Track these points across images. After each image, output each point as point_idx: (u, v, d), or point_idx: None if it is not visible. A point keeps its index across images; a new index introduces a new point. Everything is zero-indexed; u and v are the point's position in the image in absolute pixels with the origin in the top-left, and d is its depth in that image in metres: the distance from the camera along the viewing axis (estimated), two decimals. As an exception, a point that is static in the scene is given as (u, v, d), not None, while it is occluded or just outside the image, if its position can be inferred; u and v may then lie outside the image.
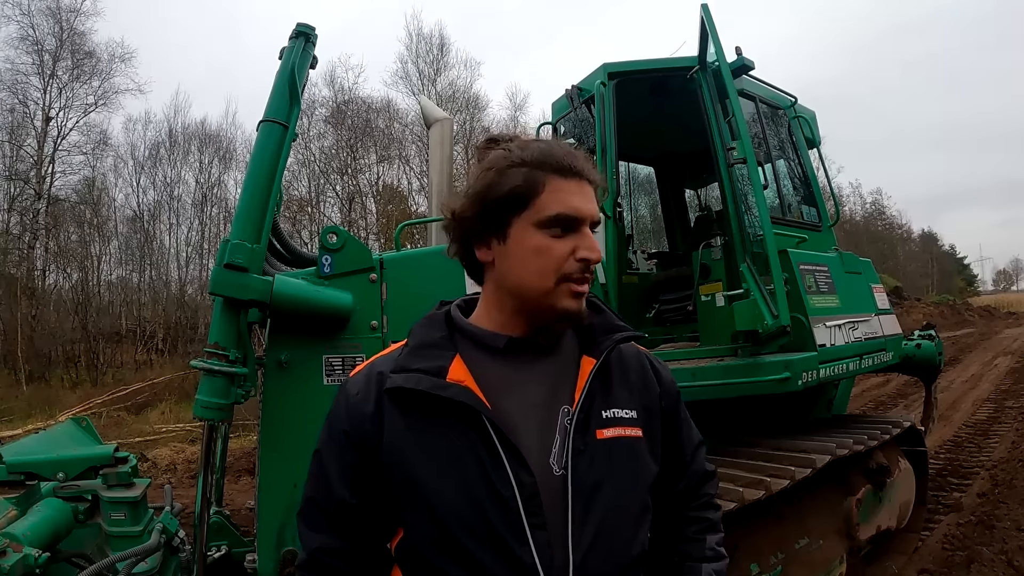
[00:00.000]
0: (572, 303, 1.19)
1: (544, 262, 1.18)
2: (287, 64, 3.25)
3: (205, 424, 2.88)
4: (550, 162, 1.19)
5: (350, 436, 1.22)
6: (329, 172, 29.42)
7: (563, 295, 1.19)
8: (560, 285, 1.18)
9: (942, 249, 69.59)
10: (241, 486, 7.84)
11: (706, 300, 4.16)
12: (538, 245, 1.18)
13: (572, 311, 1.20)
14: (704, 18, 3.86)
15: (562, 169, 1.19)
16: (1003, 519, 5.34)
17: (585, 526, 1.14)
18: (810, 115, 5.21)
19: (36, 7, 24.47)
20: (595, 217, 1.21)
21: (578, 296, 1.20)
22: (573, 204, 1.18)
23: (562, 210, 1.17)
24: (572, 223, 1.18)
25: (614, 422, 1.23)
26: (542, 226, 1.18)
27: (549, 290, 1.19)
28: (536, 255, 1.19)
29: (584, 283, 1.20)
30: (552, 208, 1.17)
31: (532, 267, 1.19)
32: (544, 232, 1.18)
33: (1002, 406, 10.45)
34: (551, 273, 1.18)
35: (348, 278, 3.19)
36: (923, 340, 5.90)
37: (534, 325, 1.25)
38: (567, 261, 1.18)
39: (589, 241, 1.19)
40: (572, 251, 1.18)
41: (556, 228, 1.18)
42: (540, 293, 1.20)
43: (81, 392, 17.99)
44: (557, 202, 1.18)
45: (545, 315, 1.22)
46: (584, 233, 1.19)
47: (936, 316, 30.63)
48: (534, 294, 1.20)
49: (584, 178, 1.21)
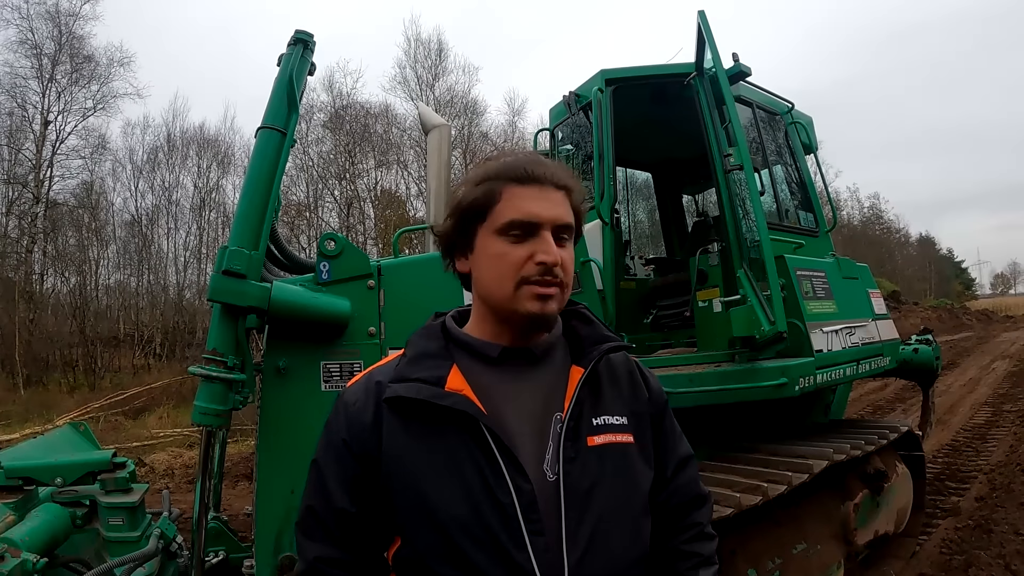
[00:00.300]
0: (534, 305, 1.21)
1: (502, 267, 1.22)
2: (285, 71, 3.25)
3: (203, 430, 2.88)
4: (507, 172, 1.24)
5: (349, 445, 1.23)
6: (327, 177, 29.40)
7: (524, 298, 1.21)
8: (520, 289, 1.21)
9: (940, 253, 69.69)
10: (239, 491, 7.83)
11: (703, 306, 4.17)
12: (497, 251, 1.23)
13: (535, 313, 1.21)
14: (701, 24, 3.88)
15: (519, 177, 1.23)
16: (1001, 523, 5.35)
17: (580, 530, 1.16)
18: (807, 120, 5.24)
19: (35, 11, 24.54)
20: (558, 220, 1.23)
21: (541, 299, 1.21)
22: (527, 209, 1.21)
23: (516, 215, 1.21)
24: (528, 228, 1.21)
25: (605, 429, 1.25)
26: (500, 233, 1.23)
27: (510, 295, 1.22)
28: (495, 261, 1.23)
29: (547, 286, 1.21)
30: (507, 214, 1.22)
31: (493, 273, 1.24)
32: (503, 239, 1.23)
33: (1000, 410, 10.47)
34: (510, 278, 1.21)
35: (346, 285, 3.20)
36: (920, 345, 5.91)
37: (515, 332, 1.27)
38: (525, 265, 1.20)
39: (546, 245, 1.20)
40: (530, 255, 1.20)
41: (513, 234, 1.22)
42: (503, 298, 1.23)
43: (79, 396, 17.99)
44: (512, 208, 1.22)
45: (513, 320, 1.25)
46: (542, 237, 1.21)
47: (934, 320, 30.65)
48: (499, 300, 1.24)
49: (546, 183, 1.24)
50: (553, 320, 1.26)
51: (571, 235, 1.27)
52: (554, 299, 1.22)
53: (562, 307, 1.27)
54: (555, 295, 1.22)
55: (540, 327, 1.27)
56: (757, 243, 3.61)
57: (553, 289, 1.21)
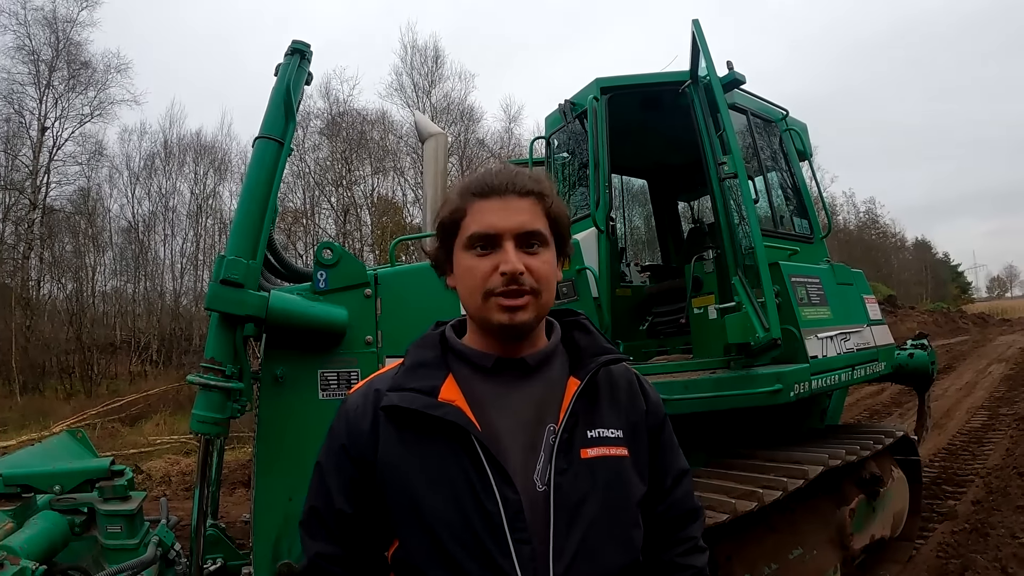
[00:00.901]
0: (502, 316, 1.23)
1: (471, 280, 1.26)
2: (283, 81, 3.28)
3: (202, 438, 2.90)
4: (471, 187, 1.29)
5: (348, 450, 1.28)
6: (324, 184, 29.46)
7: (492, 309, 1.24)
8: (488, 300, 1.24)
9: (936, 257, 69.75)
10: (236, 499, 7.82)
11: (699, 313, 4.19)
12: (466, 265, 1.27)
13: (503, 323, 1.23)
14: (695, 33, 3.91)
15: (480, 191, 1.28)
16: (997, 526, 5.35)
17: (567, 541, 1.18)
18: (801, 127, 5.26)
19: (32, 17, 24.65)
20: (520, 228, 1.25)
21: (509, 309, 1.23)
22: (487, 221, 1.25)
23: (477, 229, 1.25)
24: (490, 239, 1.24)
25: (599, 442, 1.26)
26: (467, 247, 1.27)
27: (480, 306, 1.25)
28: (466, 275, 1.27)
29: (513, 296, 1.22)
30: (470, 228, 1.26)
31: (465, 287, 1.28)
32: (470, 252, 1.27)
33: (996, 413, 10.47)
34: (478, 290, 1.25)
35: (343, 293, 3.22)
36: (916, 350, 5.94)
37: (497, 342, 1.29)
38: (491, 277, 1.23)
39: (506, 255, 1.23)
40: (495, 267, 1.23)
41: (478, 247, 1.25)
42: (474, 309, 1.28)
43: (75, 403, 17.94)
44: (475, 222, 1.26)
45: (487, 330, 1.28)
46: (504, 248, 1.24)
47: (930, 324, 30.67)
48: (472, 311, 1.29)
49: (509, 193, 1.26)
50: (525, 329, 1.27)
51: (544, 240, 1.28)
52: (525, 308, 1.23)
53: (539, 315, 1.28)
54: (525, 304, 1.23)
55: (513, 337, 1.28)
56: (752, 250, 3.63)
57: (521, 299, 1.23)
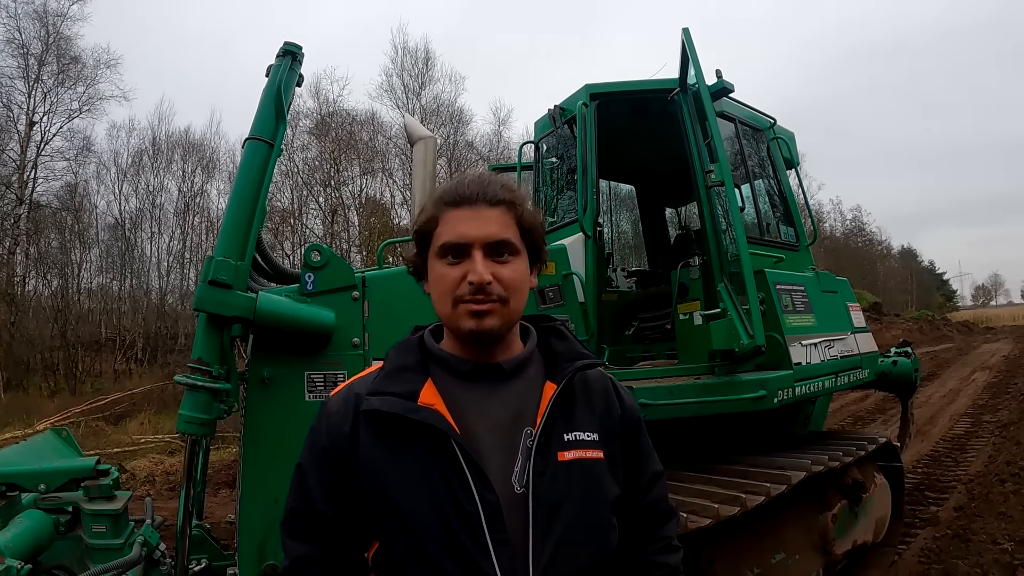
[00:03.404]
0: (470, 322, 1.26)
1: (441, 288, 1.29)
2: (274, 82, 3.28)
3: (188, 438, 2.90)
4: (444, 197, 1.32)
5: (329, 453, 1.30)
6: (312, 184, 29.31)
7: (461, 316, 1.27)
8: (457, 307, 1.27)
9: (921, 265, 70.41)
10: (220, 499, 7.78)
11: (684, 319, 4.21)
12: (437, 274, 1.30)
13: (472, 330, 1.26)
14: (685, 41, 3.94)
15: (452, 201, 1.31)
16: (979, 532, 5.43)
17: (546, 542, 1.21)
18: (788, 136, 5.31)
19: (23, 10, 24.37)
20: (489, 238, 1.27)
21: (476, 315, 1.26)
22: (457, 231, 1.28)
23: (447, 238, 1.28)
24: (458, 249, 1.27)
25: (575, 444, 1.30)
26: (439, 256, 1.30)
27: (450, 313, 1.29)
28: (437, 283, 1.31)
29: (478, 303, 1.25)
30: (441, 238, 1.29)
31: (436, 294, 1.32)
32: (441, 261, 1.30)
33: (979, 420, 10.59)
34: (447, 298, 1.28)
35: (331, 296, 3.22)
36: (899, 357, 6.01)
37: (469, 348, 1.32)
38: (460, 285, 1.26)
39: (473, 264, 1.26)
40: (463, 275, 1.26)
41: (448, 256, 1.28)
42: (446, 317, 1.31)
43: (59, 401, 17.77)
44: (445, 232, 1.29)
45: (459, 336, 1.31)
46: (472, 257, 1.26)
47: (915, 332, 30.96)
48: (444, 319, 1.33)
49: (479, 203, 1.29)
50: (493, 335, 1.29)
51: (514, 249, 1.30)
52: (492, 315, 1.26)
53: (508, 321, 1.30)
54: (492, 311, 1.26)
55: (482, 343, 1.30)
56: (737, 257, 3.66)
57: (488, 306, 1.26)
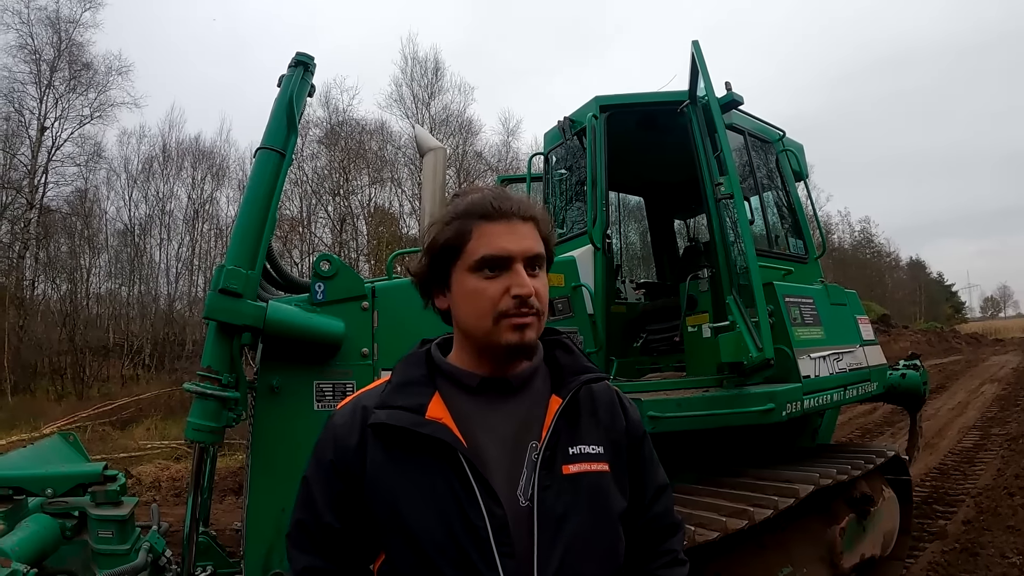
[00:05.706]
0: (513, 336, 1.26)
1: (480, 304, 1.27)
2: (285, 92, 3.31)
3: (196, 446, 2.91)
4: (476, 210, 1.29)
5: (336, 466, 1.30)
6: (321, 192, 29.41)
7: (504, 331, 1.26)
8: (499, 323, 1.26)
9: (930, 276, 70.06)
10: (226, 506, 7.80)
11: (693, 331, 4.21)
12: (473, 288, 1.28)
13: (515, 344, 1.26)
14: (695, 54, 3.95)
15: (487, 214, 1.28)
16: (987, 546, 5.40)
17: (551, 555, 1.21)
18: (798, 148, 5.32)
19: (35, 16, 24.58)
20: (528, 252, 1.28)
21: (519, 328, 1.26)
22: (498, 244, 1.26)
23: (488, 252, 1.26)
24: (501, 262, 1.26)
25: (581, 458, 1.30)
26: (473, 270, 1.27)
27: (489, 329, 1.27)
28: (473, 298, 1.28)
29: (524, 316, 1.26)
30: (479, 251, 1.27)
31: (471, 310, 1.29)
32: (477, 275, 1.27)
33: (988, 433, 10.52)
34: (488, 313, 1.26)
35: (340, 305, 3.24)
36: (908, 370, 5.97)
37: (494, 363, 1.32)
38: (502, 299, 1.25)
39: (520, 278, 1.25)
40: (506, 289, 1.25)
41: (486, 269, 1.27)
42: (483, 333, 1.28)
43: (66, 405, 17.83)
44: (483, 245, 1.27)
45: (494, 352, 1.30)
46: (515, 270, 1.26)
47: (923, 344, 30.79)
48: (478, 334, 1.30)
49: (515, 217, 1.29)
50: (533, 348, 1.31)
51: (543, 264, 1.32)
52: (531, 327, 1.27)
53: (539, 334, 1.31)
54: (532, 323, 1.27)
55: (521, 356, 1.31)
56: (746, 270, 3.66)
57: (530, 319, 1.26)
